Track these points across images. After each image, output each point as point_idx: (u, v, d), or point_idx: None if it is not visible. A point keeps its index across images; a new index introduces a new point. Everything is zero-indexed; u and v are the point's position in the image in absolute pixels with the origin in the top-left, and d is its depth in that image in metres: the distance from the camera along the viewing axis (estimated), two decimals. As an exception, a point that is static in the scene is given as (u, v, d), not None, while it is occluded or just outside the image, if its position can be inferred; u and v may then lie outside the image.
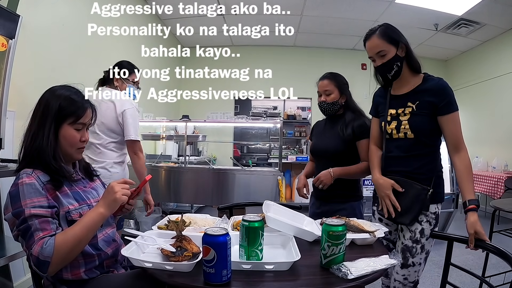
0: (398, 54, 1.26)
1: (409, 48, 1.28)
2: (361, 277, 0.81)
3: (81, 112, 1.01)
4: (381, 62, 1.29)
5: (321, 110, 1.66)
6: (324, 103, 1.61)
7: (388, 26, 1.30)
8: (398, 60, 1.27)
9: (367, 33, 1.33)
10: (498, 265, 2.14)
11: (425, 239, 1.25)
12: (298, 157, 4.96)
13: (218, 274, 0.76)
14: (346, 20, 4.44)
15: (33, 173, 0.93)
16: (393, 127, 1.31)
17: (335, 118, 1.66)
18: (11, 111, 1.91)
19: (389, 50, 1.26)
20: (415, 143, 1.26)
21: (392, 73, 1.29)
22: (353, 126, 1.56)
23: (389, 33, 1.27)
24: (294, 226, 1.06)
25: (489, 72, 4.84)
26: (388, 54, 1.26)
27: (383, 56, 1.28)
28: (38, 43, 2.30)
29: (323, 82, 1.60)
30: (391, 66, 1.27)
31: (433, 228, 1.27)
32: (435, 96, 1.24)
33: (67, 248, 0.87)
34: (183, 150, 4.00)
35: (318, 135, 1.75)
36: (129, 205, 1.09)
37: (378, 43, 1.27)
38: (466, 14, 3.98)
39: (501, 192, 3.87)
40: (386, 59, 1.27)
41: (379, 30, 1.28)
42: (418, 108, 1.26)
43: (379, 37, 1.27)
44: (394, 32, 1.28)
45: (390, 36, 1.26)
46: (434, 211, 1.27)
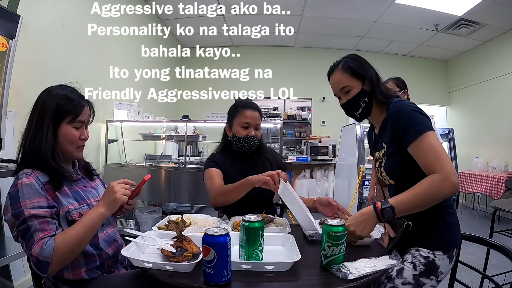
0: (365, 88, 1.12)
1: (377, 78, 1.14)
2: (361, 278, 0.81)
3: (78, 110, 1.01)
4: (346, 99, 1.15)
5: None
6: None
7: (352, 57, 1.16)
8: (365, 95, 1.12)
9: (330, 67, 1.20)
10: (498, 265, 2.14)
11: (400, 283, 1.01)
12: (298, 158, 4.97)
13: (218, 275, 0.76)
14: (346, 20, 4.44)
15: (32, 174, 0.93)
16: (380, 173, 1.18)
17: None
18: (11, 111, 1.91)
19: (354, 85, 1.13)
20: (399, 188, 1.03)
21: (359, 111, 1.15)
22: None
23: (352, 67, 1.13)
24: (302, 208, 1.08)
25: (489, 73, 4.84)
26: (353, 90, 1.13)
27: (347, 93, 1.14)
28: (38, 43, 2.30)
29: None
30: (358, 103, 1.13)
31: (419, 276, 1.01)
32: (392, 126, 1.06)
33: (67, 248, 0.87)
34: (183, 150, 4.00)
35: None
36: (129, 205, 1.09)
37: (341, 78, 1.14)
38: (466, 14, 3.98)
39: (502, 193, 3.87)
40: (351, 96, 1.13)
41: (342, 64, 1.15)
42: (388, 148, 1.10)
43: (342, 71, 1.14)
44: (359, 64, 1.14)
45: (354, 70, 1.12)
46: (426, 256, 1.03)
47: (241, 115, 1.47)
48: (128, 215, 3.24)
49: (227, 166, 1.50)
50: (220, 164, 1.50)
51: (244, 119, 1.46)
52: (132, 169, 3.34)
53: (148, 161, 3.48)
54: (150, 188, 3.22)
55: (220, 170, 1.47)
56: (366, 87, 1.13)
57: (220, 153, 1.58)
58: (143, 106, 3.63)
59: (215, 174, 1.45)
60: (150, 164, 3.39)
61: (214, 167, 1.48)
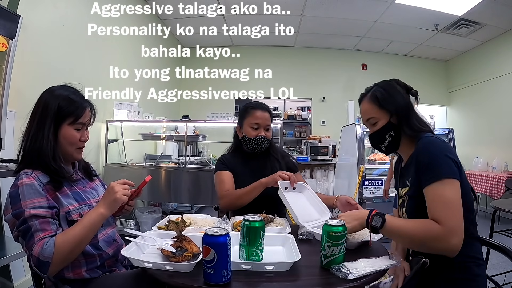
0: (392, 121, 1.03)
1: (408, 110, 1.03)
2: (361, 278, 0.81)
3: (80, 111, 1.01)
4: (372, 130, 1.08)
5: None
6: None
7: (382, 86, 1.07)
8: (392, 129, 1.03)
9: (361, 93, 1.12)
10: (498, 265, 2.14)
11: None
12: (298, 158, 4.95)
13: (218, 275, 0.76)
14: (346, 20, 4.44)
15: (33, 174, 0.93)
16: (401, 212, 1.08)
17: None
18: (11, 111, 1.91)
19: (380, 117, 1.04)
20: None
21: (385, 145, 1.06)
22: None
23: (379, 97, 1.04)
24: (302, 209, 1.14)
25: (489, 73, 4.84)
26: (379, 122, 1.05)
27: (373, 125, 1.06)
28: (38, 43, 2.30)
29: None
30: (383, 137, 1.05)
31: None
32: (416, 164, 0.96)
33: (68, 249, 0.87)
34: (183, 150, 4.00)
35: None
36: (129, 206, 1.09)
37: (367, 108, 1.07)
38: (466, 14, 3.98)
39: (502, 193, 3.87)
40: (376, 128, 1.06)
41: (371, 93, 1.07)
42: (411, 187, 1.00)
43: (369, 101, 1.06)
44: (386, 95, 1.04)
45: (381, 101, 1.04)
46: None
47: (251, 116, 1.48)
48: (128, 215, 3.24)
49: (236, 166, 1.51)
50: (229, 165, 1.52)
51: (254, 119, 1.47)
52: (132, 169, 3.34)
53: (148, 161, 3.48)
54: (150, 188, 3.22)
55: (230, 172, 1.49)
56: (393, 120, 1.03)
57: (230, 153, 1.61)
58: (143, 106, 3.63)
59: (226, 177, 1.47)
60: (150, 164, 3.39)
61: (224, 169, 1.50)
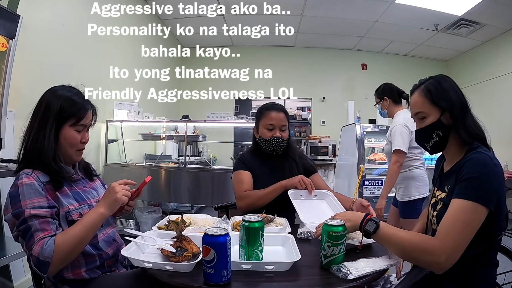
0: (442, 120, 0.95)
1: (464, 112, 0.95)
2: (361, 277, 0.81)
3: (82, 113, 1.01)
4: (419, 126, 1.00)
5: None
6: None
7: (437, 80, 0.99)
8: (440, 128, 0.95)
9: (414, 84, 1.04)
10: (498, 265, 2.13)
11: None
12: (298, 157, 4.96)
13: (218, 275, 0.76)
14: (346, 20, 4.44)
15: (33, 174, 0.93)
16: (431, 215, 1.02)
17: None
18: (11, 111, 1.91)
19: (430, 113, 0.96)
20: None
21: (430, 143, 0.99)
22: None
23: (432, 91, 0.96)
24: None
25: (489, 73, 4.84)
26: (428, 119, 0.97)
27: (422, 120, 0.99)
28: (38, 43, 2.30)
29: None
30: (430, 135, 0.97)
31: None
32: (460, 175, 0.89)
33: (68, 248, 0.87)
34: (183, 150, 4.00)
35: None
36: (129, 206, 1.09)
37: (418, 102, 0.99)
38: (466, 14, 3.98)
39: (501, 192, 3.87)
40: (424, 124, 0.98)
41: (424, 85, 0.99)
42: (448, 195, 0.94)
43: (420, 94, 0.98)
44: (441, 90, 0.96)
45: (435, 96, 0.96)
46: None
47: (266, 117, 1.50)
48: (128, 215, 3.24)
49: (255, 166, 1.54)
50: (249, 164, 1.54)
51: (269, 120, 1.49)
52: (132, 169, 3.34)
53: (148, 161, 3.48)
54: (150, 188, 3.22)
55: (249, 172, 1.51)
56: (444, 119, 0.95)
57: (249, 153, 1.63)
58: (143, 106, 3.64)
59: (245, 177, 1.49)
60: (150, 164, 3.39)
61: (243, 168, 1.52)
